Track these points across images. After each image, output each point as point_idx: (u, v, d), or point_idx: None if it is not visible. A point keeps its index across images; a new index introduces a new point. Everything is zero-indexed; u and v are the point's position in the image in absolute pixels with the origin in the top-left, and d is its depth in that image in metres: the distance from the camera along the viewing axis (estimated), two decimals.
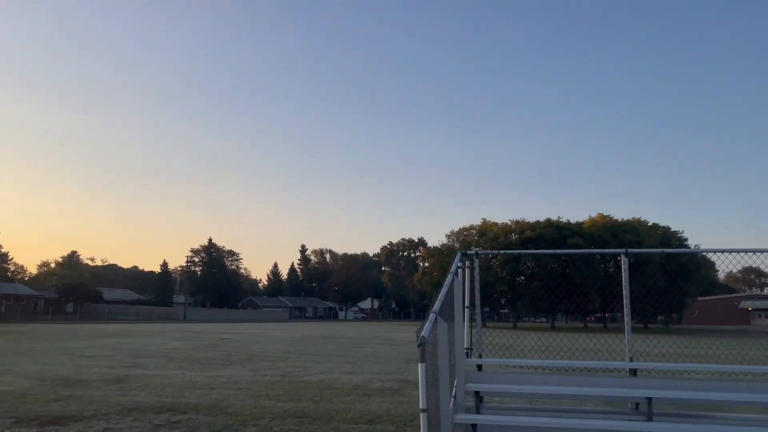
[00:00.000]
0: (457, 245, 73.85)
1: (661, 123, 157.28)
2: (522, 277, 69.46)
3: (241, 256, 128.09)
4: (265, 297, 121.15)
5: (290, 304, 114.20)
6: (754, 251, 6.78)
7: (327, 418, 8.63)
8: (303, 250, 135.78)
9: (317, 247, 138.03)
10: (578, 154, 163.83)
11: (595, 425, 5.17)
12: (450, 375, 5.88)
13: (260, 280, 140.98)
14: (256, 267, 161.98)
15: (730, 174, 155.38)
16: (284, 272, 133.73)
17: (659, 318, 76.77)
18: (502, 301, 72.10)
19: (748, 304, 73.45)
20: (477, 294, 7.05)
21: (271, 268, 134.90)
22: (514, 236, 70.75)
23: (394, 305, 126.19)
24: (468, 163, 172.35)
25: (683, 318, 77.57)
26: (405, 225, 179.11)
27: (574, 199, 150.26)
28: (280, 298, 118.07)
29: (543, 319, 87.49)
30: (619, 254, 6.81)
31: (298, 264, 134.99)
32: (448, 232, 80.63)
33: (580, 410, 7.16)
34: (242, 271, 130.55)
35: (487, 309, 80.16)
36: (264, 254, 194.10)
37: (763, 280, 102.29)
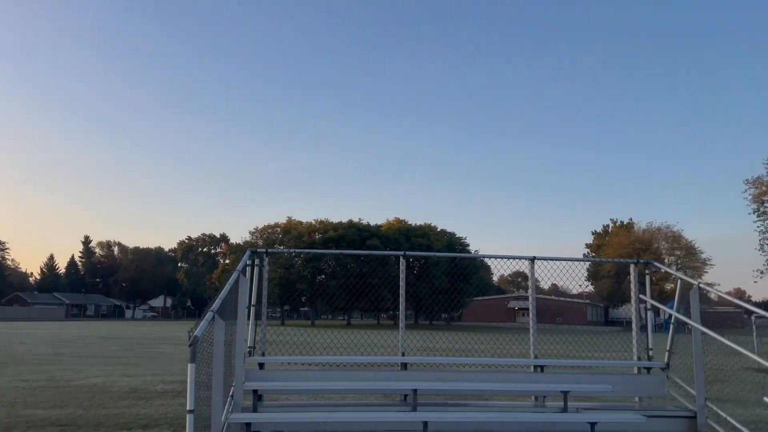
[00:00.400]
0: (260, 242, 72.90)
1: (454, 134, 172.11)
2: (323, 276, 70.96)
3: (7, 246, 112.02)
4: (36, 292, 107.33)
5: (68, 301, 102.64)
6: (509, 257, 7.77)
7: (95, 424, 7.94)
8: (86, 241, 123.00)
9: (104, 239, 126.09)
10: (382, 159, 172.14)
11: (364, 417, 5.50)
12: (229, 374, 5.80)
13: (31, 273, 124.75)
14: (28, 259, 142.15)
15: (506, 188, 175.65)
16: (62, 265, 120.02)
17: (443, 316, 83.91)
18: (303, 299, 72.88)
19: (515, 304, 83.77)
20: (264, 293, 7.06)
21: (45, 260, 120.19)
22: (317, 235, 72.02)
23: (189, 303, 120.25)
24: (275, 161, 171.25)
25: (463, 315, 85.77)
26: (206, 220, 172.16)
27: (376, 202, 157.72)
28: (55, 294, 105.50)
29: (342, 317, 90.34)
30: (398, 256, 7.31)
31: (79, 257, 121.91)
32: (252, 229, 79.27)
33: (359, 404, 7.53)
34: (9, 262, 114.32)
35: (287, 307, 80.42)
36: (38, 245, 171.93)
37: (527, 282, 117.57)
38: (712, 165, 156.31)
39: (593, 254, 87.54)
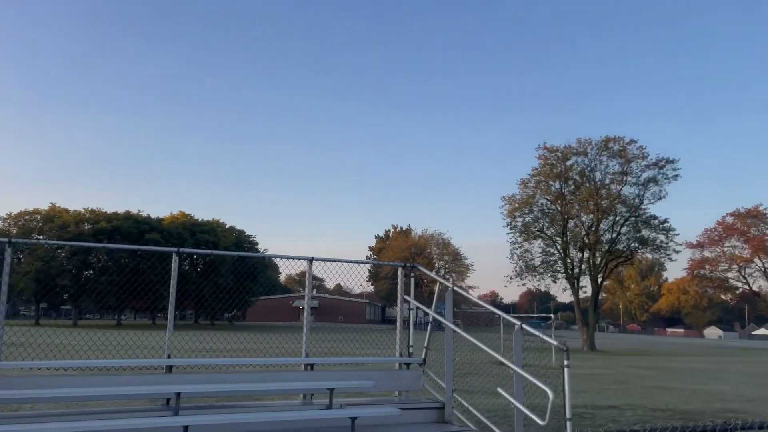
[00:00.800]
0: (14, 230, 63.41)
1: (247, 134, 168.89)
2: (91, 271, 64.24)
3: None
4: None
5: None
6: (289, 257, 7.84)
7: None
8: None
9: None
10: (168, 151, 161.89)
11: (116, 425, 5.07)
12: None
13: None
14: None
15: (302, 191, 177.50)
16: None
17: (226, 315, 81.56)
18: (65, 296, 65.12)
19: (299, 303, 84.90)
20: (4, 288, 6.14)
21: None
22: (87, 226, 65.00)
23: None
24: (37, 143, 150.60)
25: (247, 315, 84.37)
26: None
27: (159, 194, 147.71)
28: None
29: (112, 317, 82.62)
30: (171, 252, 6.91)
31: None
32: (5, 215, 68.55)
33: (118, 410, 6.93)
34: None
35: (45, 305, 71.19)
36: None
37: (314, 282, 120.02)
38: (478, 181, 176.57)
39: (375, 257, 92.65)
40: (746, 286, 76.02)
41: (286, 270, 73.96)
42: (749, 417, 11.20)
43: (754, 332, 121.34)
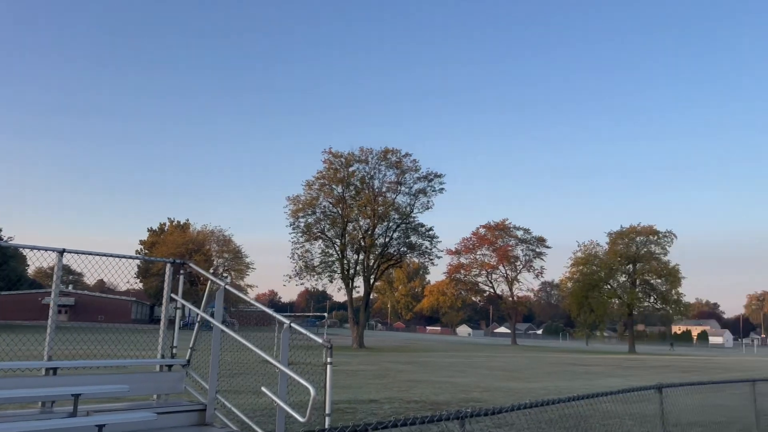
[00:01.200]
0: None
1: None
2: None
3: None
4: None
5: None
6: (34, 248, 6.90)
7: None
8: None
9: None
10: None
11: None
12: None
13: None
14: None
15: (60, 177, 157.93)
16: None
17: None
18: None
19: (49, 300, 75.35)
20: None
21: None
22: None
23: None
24: None
25: None
26: None
27: None
28: None
29: None
30: None
31: None
32: None
33: None
34: None
35: None
36: None
37: (69, 276, 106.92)
38: (264, 179, 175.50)
39: (146, 251, 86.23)
40: (492, 290, 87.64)
41: (37, 262, 64.93)
42: (483, 405, 12.83)
43: (496, 330, 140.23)
